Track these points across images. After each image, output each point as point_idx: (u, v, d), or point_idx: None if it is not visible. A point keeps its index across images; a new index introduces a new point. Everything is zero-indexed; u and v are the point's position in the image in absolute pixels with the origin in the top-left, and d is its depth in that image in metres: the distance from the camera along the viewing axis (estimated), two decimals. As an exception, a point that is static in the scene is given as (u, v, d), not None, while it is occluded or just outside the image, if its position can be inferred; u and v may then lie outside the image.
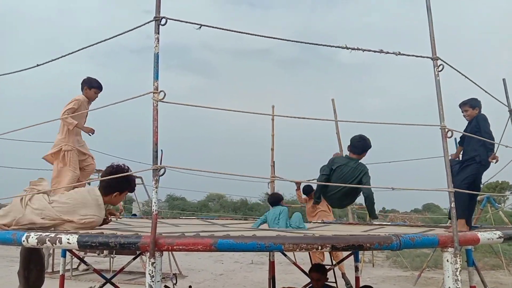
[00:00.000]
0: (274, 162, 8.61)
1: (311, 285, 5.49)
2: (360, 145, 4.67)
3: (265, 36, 2.89)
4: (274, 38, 2.95)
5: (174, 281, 6.37)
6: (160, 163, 2.50)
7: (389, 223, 8.63)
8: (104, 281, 5.92)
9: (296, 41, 3.09)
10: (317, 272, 5.27)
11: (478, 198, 11.27)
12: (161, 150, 8.62)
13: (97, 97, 5.89)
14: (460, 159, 5.74)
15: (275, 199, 6.26)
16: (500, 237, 3.20)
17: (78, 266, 13.08)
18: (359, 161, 4.84)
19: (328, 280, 6.16)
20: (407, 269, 14.55)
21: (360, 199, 6.02)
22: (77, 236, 2.49)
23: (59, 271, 7.83)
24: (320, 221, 8.10)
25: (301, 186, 9.91)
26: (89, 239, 2.45)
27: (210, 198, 35.73)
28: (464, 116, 5.39)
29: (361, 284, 6.70)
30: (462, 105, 5.38)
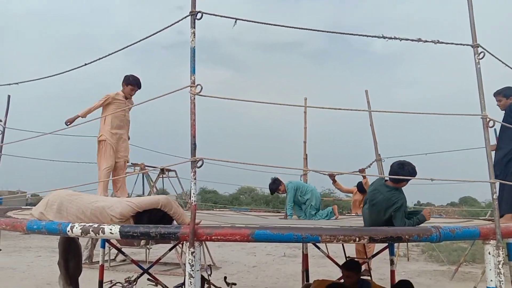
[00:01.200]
0: (307, 155, 8.58)
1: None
2: (398, 173, 3.94)
3: (301, 28, 2.88)
4: (310, 29, 2.93)
5: (209, 272, 6.46)
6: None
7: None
8: (141, 271, 6.10)
9: (333, 32, 3.06)
10: (347, 270, 5.20)
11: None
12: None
13: (133, 94, 6.12)
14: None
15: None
16: (545, 230, 3.09)
17: (115, 257, 13.50)
18: (397, 190, 4.06)
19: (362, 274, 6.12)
20: (443, 263, 14.24)
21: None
22: (119, 226, 2.57)
23: (98, 261, 8.10)
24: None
25: (336, 178, 9.80)
26: (131, 229, 2.53)
27: (241, 191, 35.94)
28: (498, 105, 5.27)
29: (396, 278, 6.62)
30: (496, 94, 5.26)
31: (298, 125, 9.02)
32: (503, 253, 2.66)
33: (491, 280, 2.66)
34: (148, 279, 6.07)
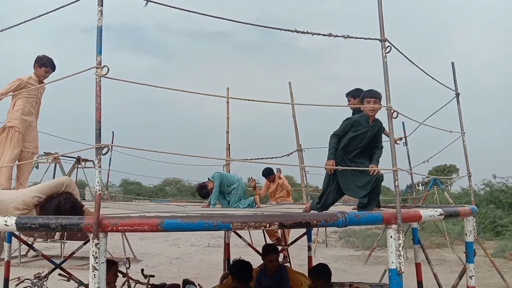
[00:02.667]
0: (229, 145, 8.61)
1: (264, 266, 5.53)
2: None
3: (213, 16, 2.83)
4: (223, 18, 2.89)
5: (127, 265, 6.25)
6: (112, 144, 2.41)
7: (341, 204, 8.83)
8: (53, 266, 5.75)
9: (247, 23, 3.05)
10: (271, 253, 5.32)
11: (426, 180, 11.83)
12: (112, 132, 8.43)
13: (47, 76, 5.62)
14: None
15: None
16: (441, 214, 3.35)
17: (27, 252, 12.64)
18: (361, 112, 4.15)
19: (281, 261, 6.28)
20: (358, 248, 15.08)
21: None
22: (15, 218, 2.37)
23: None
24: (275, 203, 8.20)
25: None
26: (28, 221, 2.34)
27: (166, 183, 35.29)
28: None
29: (314, 263, 6.88)
30: (346, 95, 4.98)
31: (222, 116, 9.02)
32: (403, 237, 2.84)
33: (392, 262, 2.83)
34: (60, 275, 5.74)
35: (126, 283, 6.07)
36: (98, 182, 2.29)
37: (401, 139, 5.24)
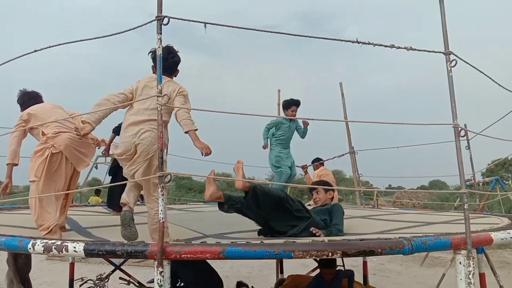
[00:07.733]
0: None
1: (318, 273, 5.45)
2: None
3: (264, 31, 2.78)
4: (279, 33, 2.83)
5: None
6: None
7: (396, 208, 8.55)
8: (113, 267, 6.01)
9: (303, 36, 2.97)
10: (330, 268, 5.20)
11: (487, 179, 11.24)
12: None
13: None
14: None
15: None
16: (514, 236, 3.13)
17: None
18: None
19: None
20: (414, 248, 14.61)
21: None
22: (83, 244, 2.46)
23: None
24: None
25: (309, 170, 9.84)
26: (96, 247, 2.42)
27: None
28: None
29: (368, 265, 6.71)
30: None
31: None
32: (473, 263, 2.68)
33: (462, 289, 2.68)
34: (120, 278, 5.96)
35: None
36: (161, 210, 2.32)
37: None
